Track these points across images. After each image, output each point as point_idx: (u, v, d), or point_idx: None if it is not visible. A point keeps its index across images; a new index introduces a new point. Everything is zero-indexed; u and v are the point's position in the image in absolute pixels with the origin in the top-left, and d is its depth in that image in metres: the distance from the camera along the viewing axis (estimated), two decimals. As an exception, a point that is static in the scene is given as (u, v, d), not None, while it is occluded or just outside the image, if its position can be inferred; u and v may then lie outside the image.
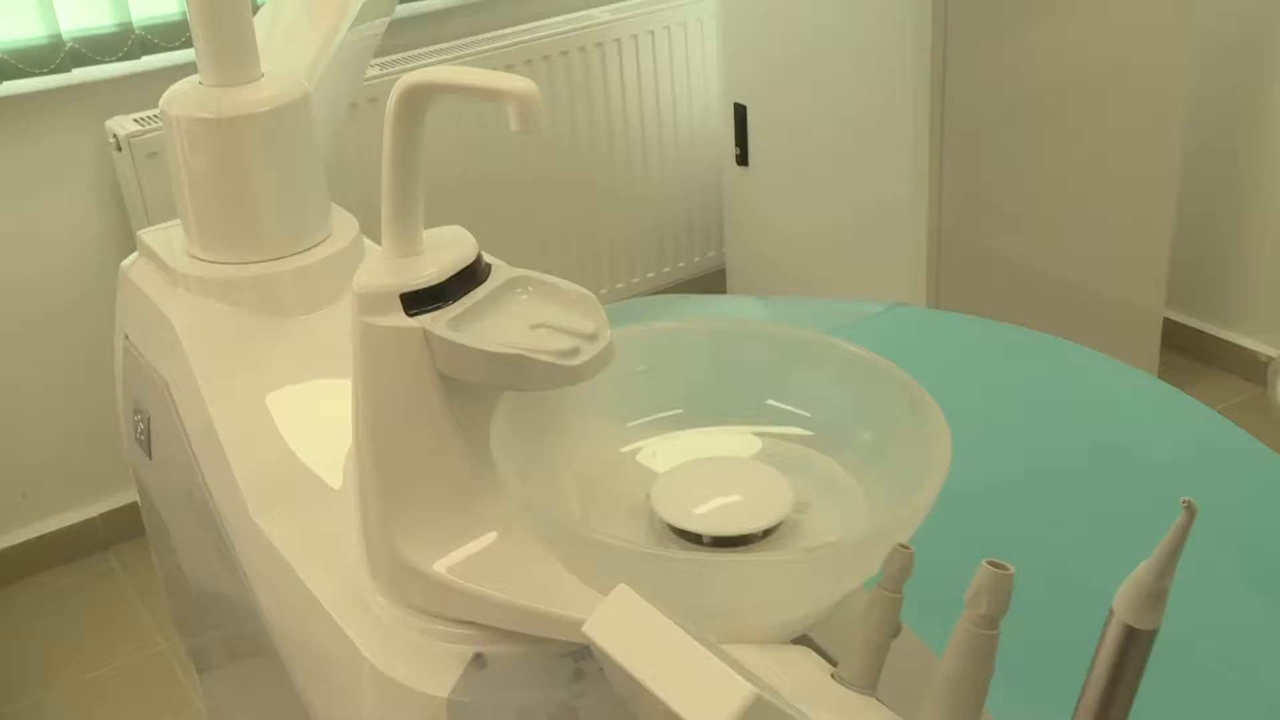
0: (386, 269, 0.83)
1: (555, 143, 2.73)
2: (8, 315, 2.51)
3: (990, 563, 0.63)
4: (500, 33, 2.66)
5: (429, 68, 0.82)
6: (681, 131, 2.87)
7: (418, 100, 0.81)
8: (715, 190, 2.97)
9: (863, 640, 0.69)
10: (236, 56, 1.16)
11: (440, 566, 0.83)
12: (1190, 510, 0.56)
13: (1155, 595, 0.58)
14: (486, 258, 0.86)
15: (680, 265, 3.01)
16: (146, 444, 1.27)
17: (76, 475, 2.69)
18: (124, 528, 2.73)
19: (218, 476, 1.08)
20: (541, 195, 2.75)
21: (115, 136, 2.46)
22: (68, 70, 2.41)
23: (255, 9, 1.33)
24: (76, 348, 2.59)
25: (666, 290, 2.98)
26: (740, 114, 2.65)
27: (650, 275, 2.96)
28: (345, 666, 0.90)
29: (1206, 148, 2.88)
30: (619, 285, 2.93)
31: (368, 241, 1.25)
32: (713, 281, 3.06)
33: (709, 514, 0.76)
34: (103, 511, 2.73)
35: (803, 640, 0.77)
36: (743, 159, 2.69)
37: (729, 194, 2.77)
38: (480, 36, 2.64)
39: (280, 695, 1.10)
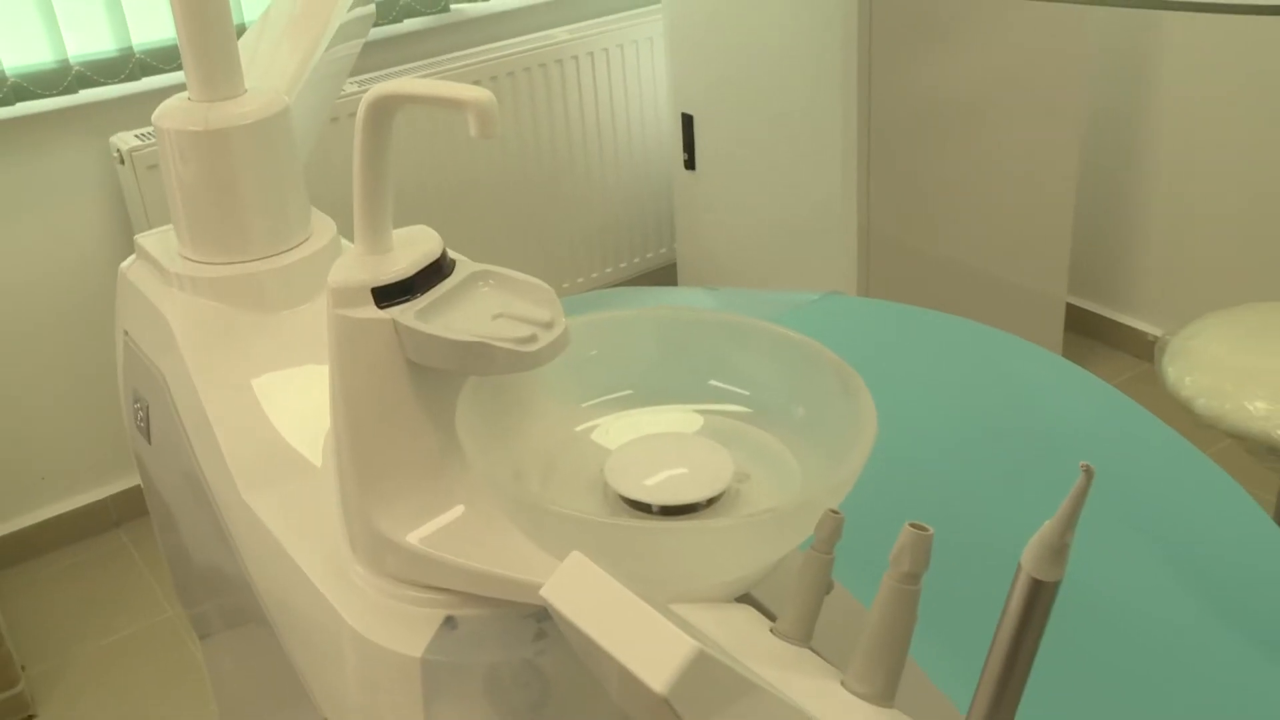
0: (358, 265, 0.82)
1: (520, 150, 2.72)
2: (24, 315, 2.49)
3: (912, 525, 0.63)
4: (467, 51, 2.64)
5: (395, 79, 0.80)
6: (635, 139, 2.87)
7: (385, 110, 0.80)
8: (666, 192, 2.97)
9: (798, 598, 0.69)
10: (222, 74, 1.14)
11: (413, 538, 0.82)
12: (1088, 473, 0.56)
13: (1058, 550, 0.57)
14: (451, 254, 0.85)
15: (635, 261, 3.00)
16: (146, 430, 1.25)
17: (89, 460, 2.67)
18: (133, 507, 2.72)
19: (210, 459, 1.07)
20: (508, 198, 2.74)
21: (118, 151, 2.44)
22: (75, 91, 2.40)
23: (241, 31, 1.31)
24: (87, 344, 2.57)
25: (623, 283, 2.98)
26: (688, 123, 2.64)
27: (608, 270, 2.95)
28: (328, 631, 0.89)
29: (1101, 153, 2.89)
30: (579, 280, 2.92)
31: (344, 241, 1.24)
32: (665, 275, 3.05)
33: (658, 485, 0.75)
34: (113, 493, 2.71)
35: (745, 599, 0.76)
36: (690, 164, 2.69)
37: (678, 196, 2.76)
38: (449, 55, 2.63)
39: (273, 659, 1.09)
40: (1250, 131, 2.58)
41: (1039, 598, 0.59)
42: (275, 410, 1.07)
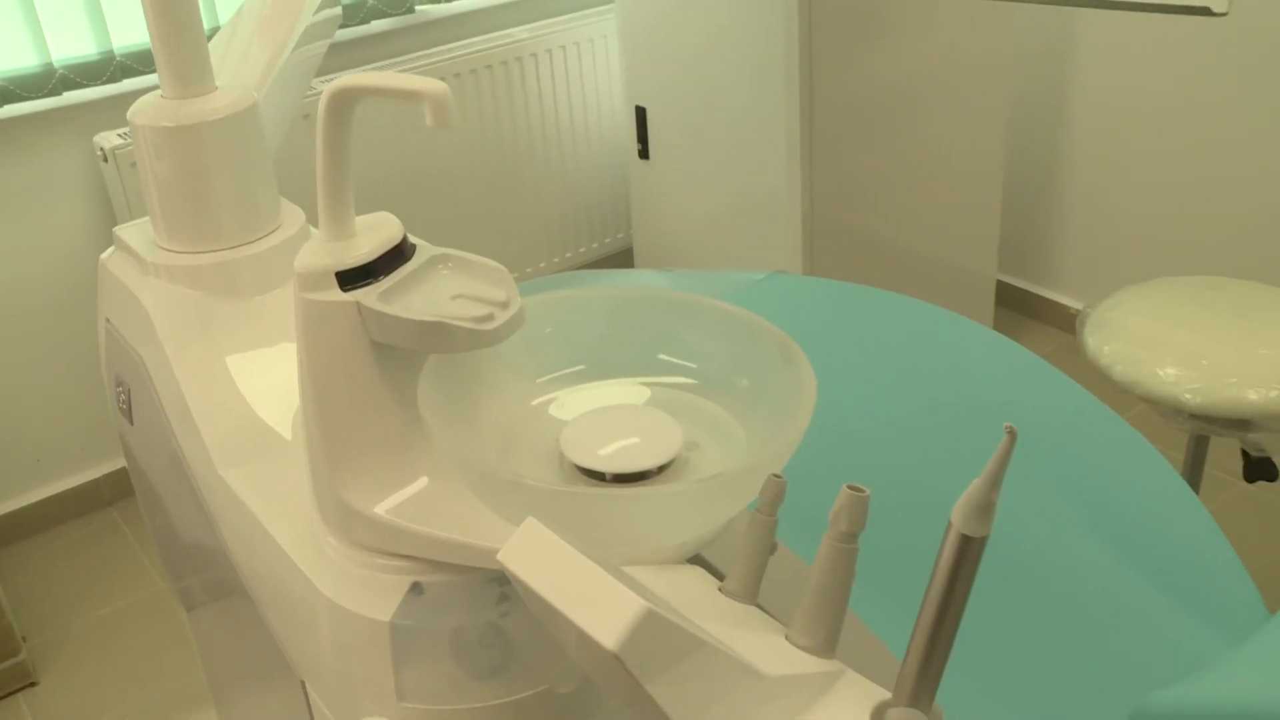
0: (323, 251, 0.80)
1: (483, 143, 2.70)
2: (15, 307, 2.45)
3: (849, 487, 0.62)
4: (432, 50, 2.62)
5: (354, 73, 0.78)
6: (591, 130, 2.85)
7: (345, 102, 0.78)
8: (622, 180, 2.95)
9: (744, 558, 0.68)
10: (193, 73, 1.12)
11: (380, 509, 0.80)
12: (1011, 434, 0.55)
13: (984, 507, 0.57)
14: (411, 239, 0.83)
15: (594, 245, 2.99)
16: (128, 411, 1.23)
17: (80, 442, 2.63)
18: (123, 487, 2.69)
19: (188, 437, 1.05)
20: (472, 189, 2.72)
21: (102, 149, 2.40)
22: (59, 94, 2.36)
23: (212, 34, 1.28)
24: (75, 333, 2.54)
25: (582, 267, 2.96)
26: (641, 115, 2.63)
27: (568, 255, 2.94)
28: (303, 599, 0.87)
29: (1026, 142, 2.90)
30: (541, 264, 2.90)
31: (313, 230, 1.22)
32: (622, 259, 3.04)
33: (611, 455, 0.73)
34: (105, 473, 2.68)
35: (696, 560, 0.76)
36: (644, 153, 2.67)
37: (633, 184, 2.75)
38: (415, 54, 2.60)
39: (253, 628, 1.08)
40: (1160, 122, 2.59)
41: (968, 552, 0.58)
42: (249, 390, 1.05)
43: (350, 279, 0.78)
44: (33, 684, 2.21)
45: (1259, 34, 2.37)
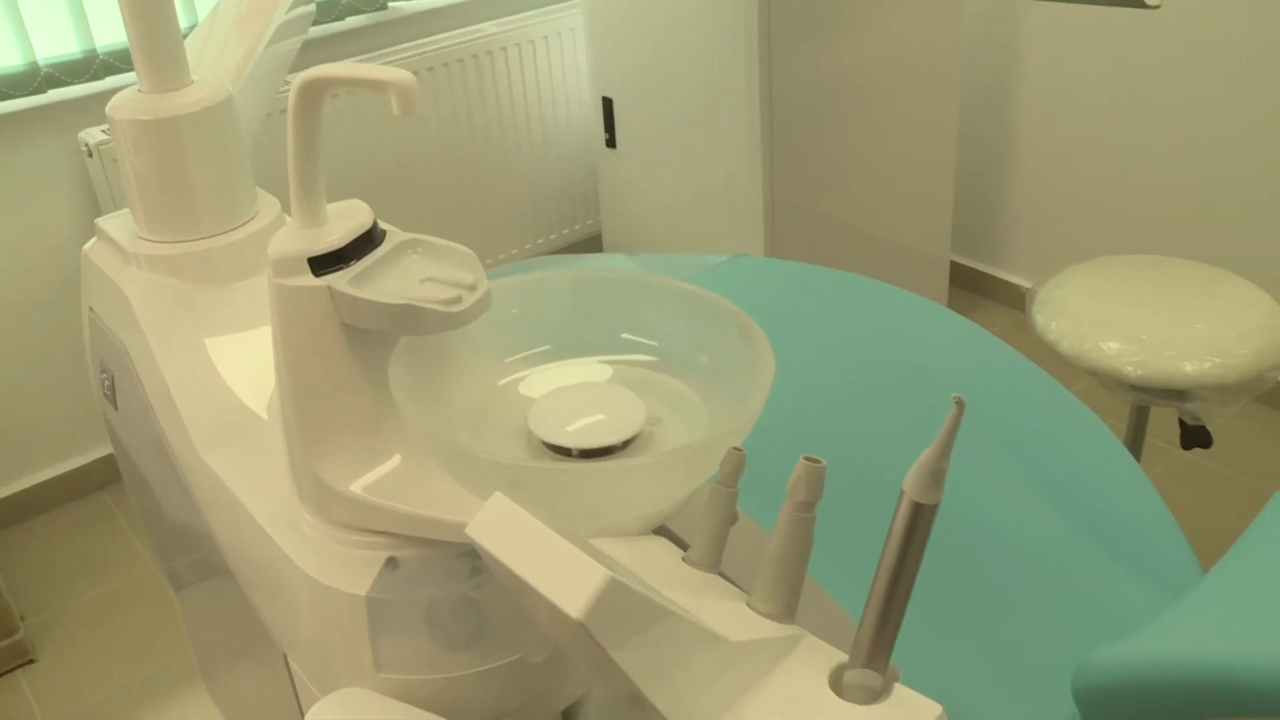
0: (295, 237, 0.79)
1: (455, 135, 2.68)
2: (4, 299, 2.42)
3: (806, 458, 0.61)
4: (405, 45, 2.59)
5: (323, 65, 0.77)
6: (560, 121, 2.83)
7: (315, 92, 0.77)
8: (590, 169, 2.94)
9: (706, 528, 0.67)
10: (169, 68, 1.10)
11: (355, 487, 0.79)
12: (960, 405, 0.54)
13: (935, 475, 0.56)
14: (381, 224, 0.82)
15: (564, 232, 2.97)
16: (113, 397, 1.21)
17: (71, 428, 2.60)
18: (113, 471, 2.66)
19: (170, 421, 1.03)
20: (446, 179, 2.70)
21: (86, 145, 2.37)
22: (44, 92, 2.33)
23: (191, 30, 1.26)
24: (64, 324, 2.50)
25: (553, 254, 2.95)
26: (608, 105, 2.61)
27: (540, 241, 2.92)
28: (283, 576, 0.86)
29: (976, 129, 2.90)
30: (514, 250, 2.88)
31: (289, 218, 1.20)
32: (592, 245, 3.03)
33: (577, 431, 0.73)
34: (96, 458, 2.65)
35: (661, 531, 0.75)
36: (611, 142, 2.66)
37: (601, 172, 2.73)
38: (388, 49, 2.57)
39: (238, 605, 1.07)
40: (1102, 111, 2.59)
41: (920, 519, 0.58)
42: (229, 373, 1.03)
43: (322, 264, 0.77)
44: (31, 661, 2.19)
45: (1193, 26, 2.37)
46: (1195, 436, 1.77)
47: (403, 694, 0.80)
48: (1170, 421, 2.52)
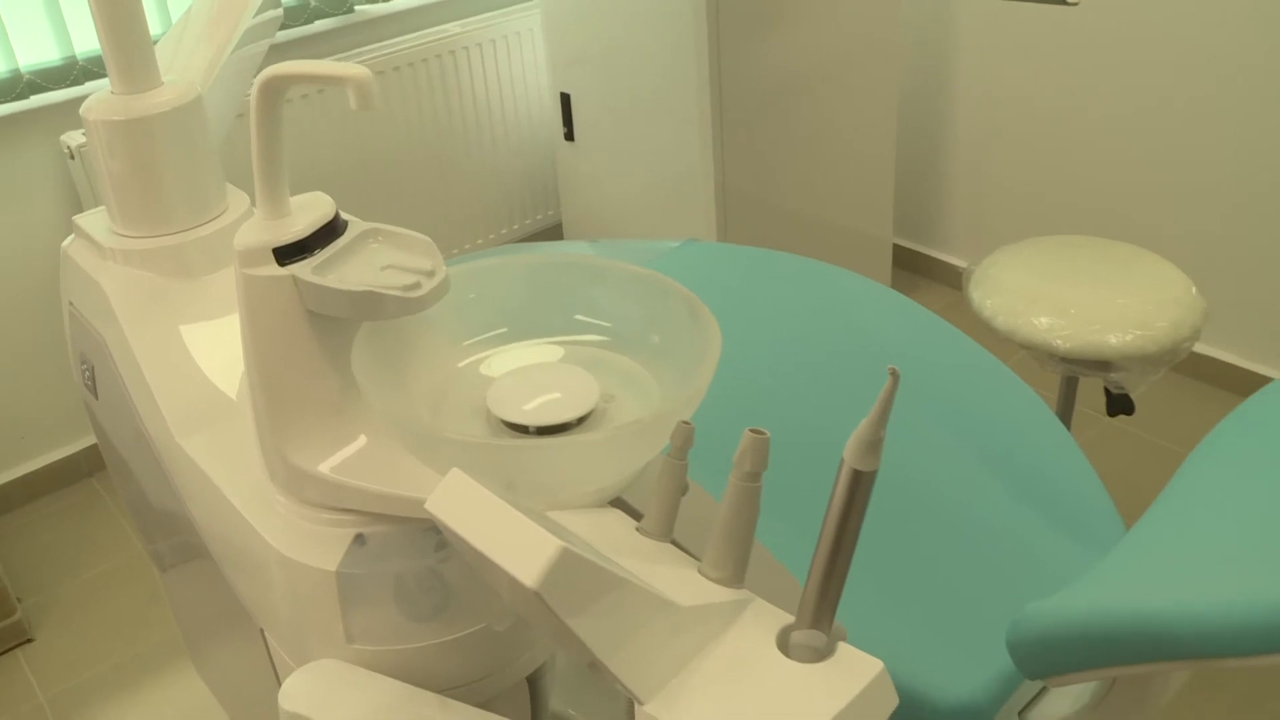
0: (260, 229, 0.77)
1: (421, 131, 2.65)
2: (-6, 295, 2.38)
3: (751, 430, 0.60)
4: (371, 46, 2.55)
5: (283, 63, 0.75)
6: (520, 116, 2.80)
7: (275, 89, 0.75)
8: (550, 161, 2.91)
9: (658, 499, 0.66)
10: (140, 70, 1.07)
11: (323, 467, 0.78)
12: (894, 376, 0.54)
13: (872, 444, 0.55)
14: (344, 215, 0.80)
15: (526, 223, 2.94)
16: (93, 387, 1.18)
17: (61, 418, 2.56)
18: (100, 459, 2.62)
19: (147, 409, 1.01)
20: (411, 173, 2.67)
21: (68, 148, 2.33)
22: (27, 97, 2.28)
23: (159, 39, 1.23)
24: (52, 317, 2.46)
25: (515, 242, 2.92)
26: (566, 101, 2.59)
27: (503, 232, 2.90)
28: (257, 554, 0.85)
29: (914, 120, 2.90)
30: (479, 241, 2.86)
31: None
32: (552, 234, 3.01)
33: (534, 409, 0.71)
34: (85, 446, 2.61)
35: (616, 503, 0.74)
36: (569, 136, 2.64)
37: (560, 164, 2.72)
38: (355, 51, 2.54)
39: (218, 585, 1.05)
40: (1031, 101, 2.60)
41: (859, 485, 0.57)
42: (202, 361, 1.01)
43: (286, 254, 0.76)
44: (29, 640, 2.16)
45: (1116, 22, 2.38)
46: (1119, 404, 1.78)
47: (373, 664, 0.79)
48: (1098, 391, 2.54)
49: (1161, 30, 2.32)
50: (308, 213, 0.78)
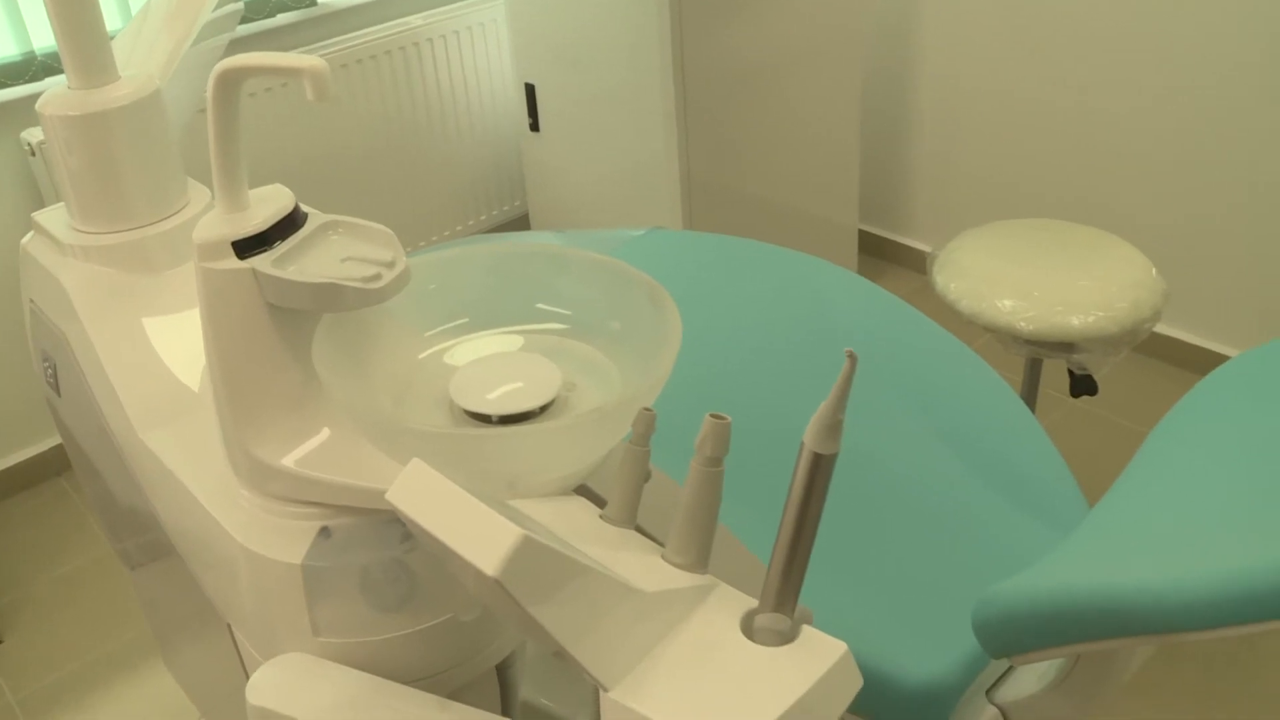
0: (220, 223, 0.76)
1: (385, 124, 2.63)
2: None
3: (712, 415, 0.60)
4: (335, 40, 2.53)
5: (239, 55, 0.74)
6: (485, 107, 2.79)
7: (232, 82, 0.74)
8: (515, 152, 2.90)
9: (621, 486, 0.66)
10: (95, 64, 1.06)
11: (287, 460, 0.77)
12: (852, 358, 0.53)
13: (831, 427, 0.55)
14: (304, 207, 0.79)
15: (493, 213, 2.93)
16: (55, 384, 1.17)
17: (26, 417, 2.52)
18: (67, 458, 2.59)
19: (110, 405, 1.00)
20: (377, 166, 2.65)
21: (29, 144, 2.29)
22: (-15, 94, 2.24)
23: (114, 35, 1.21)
24: (13, 315, 2.42)
25: (482, 233, 2.90)
26: (530, 91, 2.58)
27: (470, 223, 2.88)
28: (222, 549, 0.84)
29: (878, 105, 2.91)
30: (445, 232, 2.84)
31: (220, 207, 1.16)
32: (519, 225, 2.99)
33: (496, 398, 0.71)
34: (51, 445, 2.58)
35: (581, 490, 0.74)
36: (535, 126, 2.63)
37: (526, 155, 2.70)
38: (319, 44, 2.51)
39: (186, 582, 1.04)
40: (993, 87, 2.61)
41: (819, 469, 0.57)
42: (165, 356, 1.00)
43: (246, 247, 0.75)
44: (-2, 641, 2.14)
45: (1075, 8, 2.39)
46: (1083, 385, 1.79)
47: (341, 656, 0.79)
48: (1062, 373, 2.56)
49: (1123, 16, 2.34)
50: (267, 205, 0.77)
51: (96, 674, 2.05)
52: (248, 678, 0.94)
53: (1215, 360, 2.46)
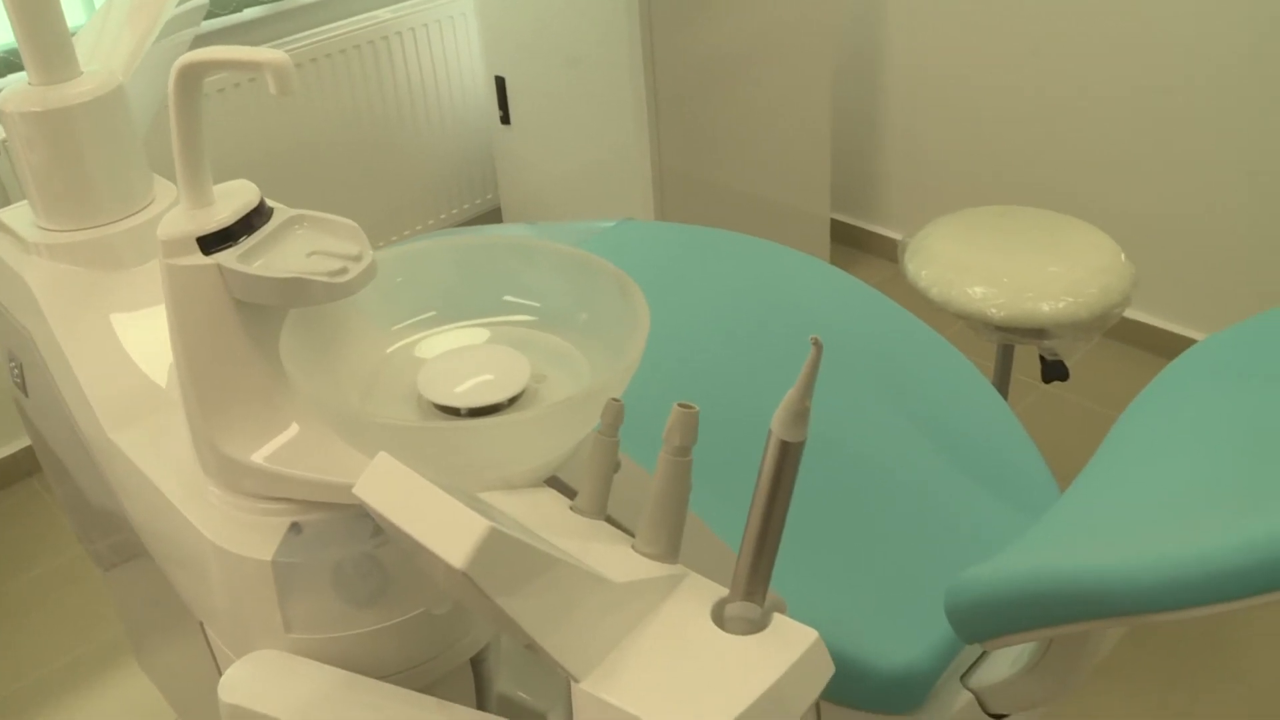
0: (184, 218, 0.75)
1: (356, 118, 2.61)
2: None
3: (680, 405, 0.60)
4: (300, 35, 2.51)
5: (200, 49, 0.73)
6: (456, 100, 2.78)
7: (193, 76, 0.73)
8: (486, 145, 2.89)
9: (590, 477, 0.66)
10: (57, 60, 1.04)
11: (257, 457, 0.77)
12: (817, 345, 0.54)
13: (798, 414, 0.55)
14: (269, 202, 0.79)
15: (465, 207, 2.92)
16: (23, 385, 1.16)
17: (0, 419, 2.50)
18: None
19: (78, 404, 0.99)
20: (348, 161, 2.63)
21: (-8, 142, 2.26)
22: (-54, 91, 2.21)
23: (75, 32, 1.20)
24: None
25: (455, 227, 2.89)
26: (500, 84, 2.57)
27: (442, 217, 2.87)
28: (193, 547, 0.83)
29: (849, 95, 2.91)
30: (418, 227, 2.83)
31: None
32: (492, 218, 2.98)
33: (465, 391, 0.71)
34: (24, 446, 2.55)
35: (552, 481, 0.73)
36: (505, 119, 2.62)
37: (497, 148, 2.70)
38: (286, 39, 2.49)
39: (159, 582, 1.03)
40: (961, 75, 2.62)
41: (787, 456, 0.57)
42: (134, 353, 0.99)
43: (211, 243, 0.74)
44: (-30, 645, 2.12)
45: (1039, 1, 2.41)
46: (1054, 370, 1.80)
47: (314, 653, 0.78)
48: (1035, 359, 2.57)
49: (1088, 3, 2.35)
50: (232, 200, 0.77)
51: (71, 677, 2.03)
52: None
53: (1184, 344, 2.49)
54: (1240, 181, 2.26)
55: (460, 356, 0.73)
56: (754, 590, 0.60)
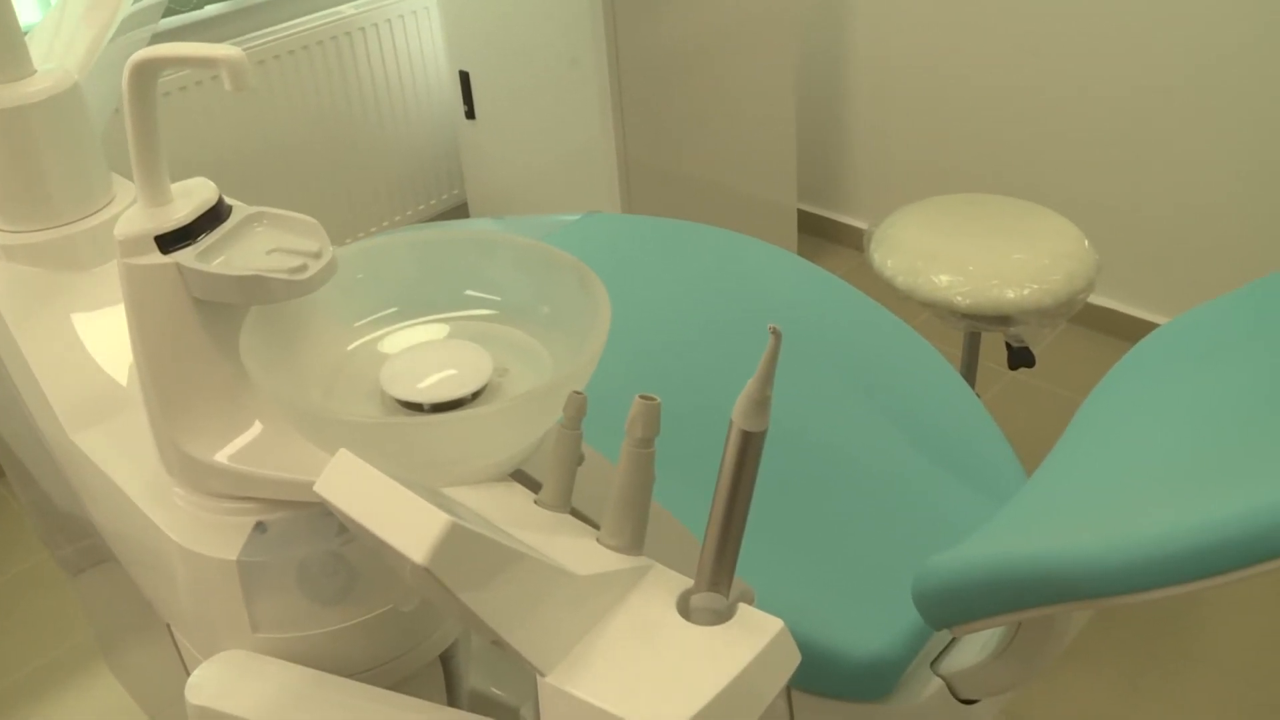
0: (142, 217, 0.75)
1: (319, 115, 2.60)
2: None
3: (642, 396, 0.60)
4: (265, 31, 2.49)
5: (154, 46, 0.73)
6: (420, 96, 2.76)
7: (148, 72, 0.73)
8: (452, 140, 2.87)
9: (554, 470, 0.66)
10: (9, 58, 1.03)
11: (220, 456, 0.76)
12: (776, 335, 0.54)
13: (759, 404, 0.56)
14: (228, 200, 0.78)
15: (431, 203, 2.90)
16: (-18, 389, 1.14)
17: (-39, 424, 2.47)
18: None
19: (39, 408, 0.98)
20: (312, 158, 2.61)
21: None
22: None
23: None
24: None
25: (421, 223, 2.88)
26: (465, 79, 2.56)
27: (408, 213, 2.85)
28: (157, 548, 0.83)
29: (814, 85, 2.92)
30: (384, 223, 2.81)
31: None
32: (458, 213, 2.97)
33: (428, 386, 0.71)
34: (-12, 450, 2.52)
35: (518, 475, 0.73)
36: (470, 114, 2.61)
37: (463, 143, 2.68)
38: (248, 35, 2.47)
39: (126, 585, 1.03)
40: (926, 65, 2.63)
41: (749, 446, 0.57)
42: (96, 354, 0.98)
43: (169, 242, 0.74)
44: (-63, 653, 2.09)
45: (1004, -21, 2.42)
46: (1020, 357, 1.82)
47: (281, 652, 0.78)
48: (1001, 346, 2.59)
49: (1048, -9, 2.37)
50: (190, 199, 0.76)
51: (41, 682, 2.01)
52: (189, 677, 0.93)
53: (1149, 329, 2.51)
54: (1200, 168, 2.29)
55: (422, 352, 0.73)
56: (719, 581, 0.60)
